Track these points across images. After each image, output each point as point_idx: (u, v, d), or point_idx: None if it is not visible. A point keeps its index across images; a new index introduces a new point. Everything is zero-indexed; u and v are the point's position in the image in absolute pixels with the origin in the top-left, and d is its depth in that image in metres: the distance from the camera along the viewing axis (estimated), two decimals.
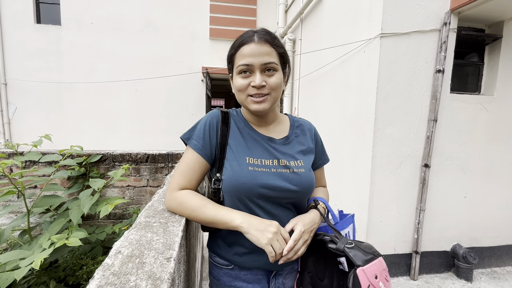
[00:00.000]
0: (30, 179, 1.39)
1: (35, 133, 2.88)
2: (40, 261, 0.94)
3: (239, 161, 0.71)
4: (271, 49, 0.69)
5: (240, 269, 0.76)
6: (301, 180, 0.73)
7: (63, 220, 1.33)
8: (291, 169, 0.73)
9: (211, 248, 0.82)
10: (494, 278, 2.24)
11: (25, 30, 4.76)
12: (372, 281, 0.61)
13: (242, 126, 0.77)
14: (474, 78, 2.35)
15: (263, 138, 0.76)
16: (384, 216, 2.15)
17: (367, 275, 0.62)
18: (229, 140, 0.74)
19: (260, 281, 0.77)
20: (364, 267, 0.62)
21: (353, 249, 0.66)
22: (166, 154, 2.12)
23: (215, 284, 0.81)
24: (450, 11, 2.01)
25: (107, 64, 4.97)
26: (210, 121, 0.75)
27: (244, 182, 0.68)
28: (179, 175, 0.73)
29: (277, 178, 0.71)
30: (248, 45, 0.68)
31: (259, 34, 0.70)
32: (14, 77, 4.79)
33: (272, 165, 0.72)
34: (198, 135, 0.74)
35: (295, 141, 0.80)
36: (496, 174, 2.32)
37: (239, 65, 0.69)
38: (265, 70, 0.69)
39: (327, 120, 2.94)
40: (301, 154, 0.78)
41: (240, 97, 0.73)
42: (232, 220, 0.65)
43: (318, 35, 3.24)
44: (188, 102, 5.28)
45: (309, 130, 0.85)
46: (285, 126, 0.82)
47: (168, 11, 5.07)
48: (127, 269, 0.47)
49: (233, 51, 0.72)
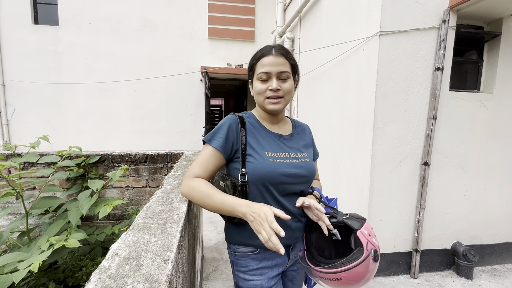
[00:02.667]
0: (29, 181, 1.39)
1: (34, 134, 2.88)
2: (39, 263, 0.93)
3: (261, 155, 0.85)
4: (285, 61, 0.86)
5: (265, 250, 0.88)
6: (308, 167, 0.90)
7: (62, 222, 1.32)
8: (299, 159, 0.90)
9: (233, 240, 0.92)
10: (494, 275, 2.24)
11: (22, 30, 4.74)
12: (368, 238, 0.78)
13: (257, 126, 0.92)
14: (473, 76, 2.35)
15: (275, 135, 0.92)
16: (384, 214, 2.15)
17: (364, 235, 0.78)
18: (248, 139, 0.87)
19: (281, 256, 0.91)
20: (361, 229, 0.79)
21: (349, 219, 0.83)
22: (165, 154, 2.12)
23: (242, 272, 0.91)
24: (449, 9, 2.00)
25: (105, 65, 4.96)
26: (230, 125, 0.87)
27: (268, 171, 0.83)
28: (195, 166, 0.84)
29: (291, 167, 0.86)
30: (267, 57, 0.85)
31: (276, 48, 0.87)
32: (12, 78, 4.77)
33: (286, 156, 0.88)
34: (220, 136, 0.85)
35: (298, 137, 0.97)
36: (495, 171, 2.32)
37: (260, 72, 0.85)
38: (280, 77, 0.85)
39: (327, 119, 2.93)
40: (304, 148, 0.96)
41: (259, 98, 0.88)
42: (237, 210, 0.74)
43: (316, 34, 3.23)
44: (187, 102, 5.27)
45: (307, 129, 1.04)
46: (289, 125, 1.00)
47: (166, 11, 5.06)
48: (124, 271, 0.46)
49: (254, 61, 0.89)
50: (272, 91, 0.85)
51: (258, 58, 0.87)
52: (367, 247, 0.76)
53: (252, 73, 0.90)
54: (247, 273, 0.89)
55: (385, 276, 2.20)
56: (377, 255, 0.77)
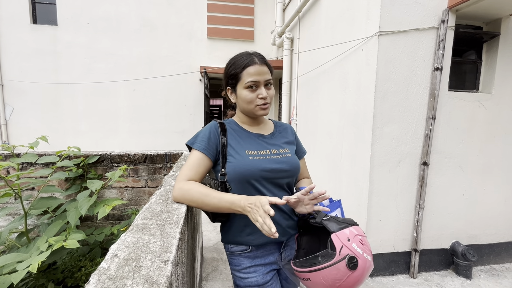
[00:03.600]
0: (27, 181, 1.38)
1: (32, 134, 2.87)
2: (38, 264, 0.93)
3: (241, 154, 0.89)
4: (267, 69, 0.91)
5: (257, 248, 0.92)
6: (289, 162, 0.94)
7: (60, 222, 1.32)
8: (280, 155, 0.94)
9: (227, 240, 0.95)
10: (493, 275, 2.25)
11: (21, 30, 4.73)
12: (345, 243, 0.74)
13: (237, 129, 0.96)
14: (472, 76, 2.35)
15: (255, 135, 0.97)
16: (383, 214, 2.16)
17: (340, 238, 0.75)
18: (228, 141, 0.91)
19: (274, 254, 0.95)
20: (338, 232, 0.76)
21: (329, 221, 0.81)
22: (165, 154, 2.11)
23: (237, 271, 0.94)
24: (448, 9, 2.00)
25: (104, 64, 4.95)
26: (211, 129, 0.92)
27: (248, 169, 0.86)
28: (186, 169, 0.86)
29: (272, 162, 0.90)
30: (253, 66, 0.88)
31: (258, 57, 0.90)
32: (11, 78, 4.76)
33: (266, 153, 0.92)
34: (202, 139, 0.90)
35: (279, 136, 1.02)
36: (494, 171, 2.32)
37: (248, 81, 0.88)
38: (266, 84, 0.91)
39: (326, 119, 2.93)
40: (286, 144, 1.00)
41: (249, 106, 0.91)
42: (236, 205, 0.76)
43: (316, 34, 3.23)
44: (186, 102, 5.27)
45: (289, 129, 1.09)
46: (270, 126, 1.04)
47: (165, 10, 5.05)
48: (123, 273, 0.46)
49: (239, 70, 0.90)
50: (263, 99, 0.89)
51: (243, 67, 0.89)
52: (341, 251, 0.73)
53: (236, 81, 0.92)
54: (241, 271, 0.93)
55: (384, 275, 2.20)
56: (355, 262, 0.72)
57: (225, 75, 0.95)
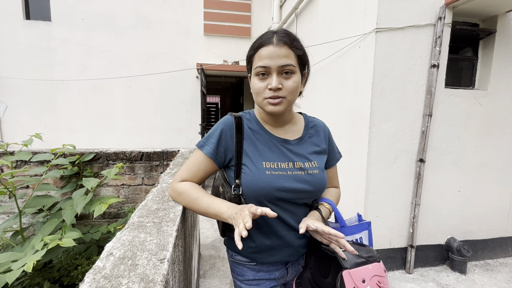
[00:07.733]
0: (22, 179, 1.36)
1: (26, 132, 2.83)
2: (33, 263, 0.92)
3: (257, 165, 0.73)
4: (289, 51, 0.69)
5: (262, 264, 0.82)
6: (315, 181, 0.76)
7: (56, 221, 1.30)
8: (306, 171, 0.75)
9: (230, 246, 0.86)
10: (487, 270, 2.28)
11: (14, 26, 4.64)
12: (358, 284, 0.61)
13: (257, 129, 0.79)
14: (468, 73, 2.36)
15: (278, 141, 0.78)
16: (380, 211, 2.17)
17: (353, 277, 0.61)
18: (244, 146, 0.75)
19: (280, 269, 0.84)
20: (351, 270, 0.63)
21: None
22: (161, 152, 2.10)
23: (239, 281, 0.85)
24: (445, 6, 2.00)
25: (99, 61, 4.88)
26: (223, 130, 0.76)
27: (262, 187, 0.71)
28: (184, 169, 0.79)
29: (293, 181, 0.73)
30: (266, 47, 0.68)
31: (278, 35, 0.70)
32: (4, 75, 4.68)
33: (288, 167, 0.74)
34: (212, 141, 0.76)
35: (309, 141, 0.82)
36: (489, 168, 2.35)
37: (257, 66, 0.70)
38: (282, 72, 0.69)
39: (323, 115, 2.93)
40: (315, 155, 0.80)
41: (258, 99, 0.74)
42: (222, 213, 0.69)
43: (313, 31, 3.22)
44: (183, 99, 5.23)
45: (323, 131, 0.86)
46: (299, 126, 0.84)
47: (161, 7, 4.98)
48: (119, 271, 0.46)
49: (252, 52, 0.73)
50: (272, 91, 0.69)
51: (256, 48, 0.71)
52: None
53: (250, 66, 0.75)
54: (244, 282, 0.84)
55: None
56: None
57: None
